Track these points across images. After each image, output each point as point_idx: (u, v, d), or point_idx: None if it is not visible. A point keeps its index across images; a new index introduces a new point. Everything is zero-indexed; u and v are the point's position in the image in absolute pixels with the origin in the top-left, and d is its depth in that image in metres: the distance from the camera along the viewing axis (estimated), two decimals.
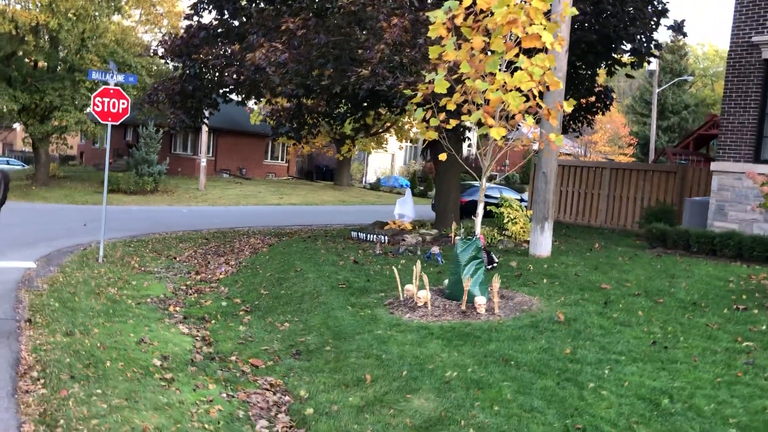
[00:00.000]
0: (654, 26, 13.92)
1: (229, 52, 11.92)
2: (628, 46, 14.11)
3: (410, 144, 44.68)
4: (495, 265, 9.75)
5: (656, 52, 14.77)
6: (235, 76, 11.47)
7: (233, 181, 35.92)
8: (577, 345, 6.19)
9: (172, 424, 4.96)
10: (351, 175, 38.42)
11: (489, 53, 7.30)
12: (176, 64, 17.08)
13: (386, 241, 13.18)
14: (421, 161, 45.74)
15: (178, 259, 13.62)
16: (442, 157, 7.79)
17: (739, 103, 13.75)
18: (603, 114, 18.11)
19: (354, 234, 14.48)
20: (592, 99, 17.60)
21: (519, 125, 7.61)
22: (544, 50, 7.35)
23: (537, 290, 8.42)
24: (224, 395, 5.82)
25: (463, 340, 6.38)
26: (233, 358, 6.92)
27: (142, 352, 6.77)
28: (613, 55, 14.74)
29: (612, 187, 19.75)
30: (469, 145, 49.17)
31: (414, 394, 5.31)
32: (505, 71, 7.18)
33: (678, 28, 14.40)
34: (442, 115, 7.35)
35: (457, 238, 9.41)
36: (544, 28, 6.90)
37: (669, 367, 5.55)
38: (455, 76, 7.34)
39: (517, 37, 7.01)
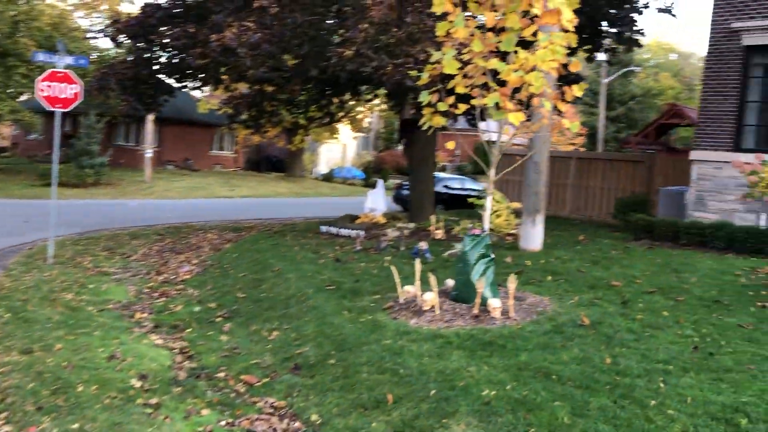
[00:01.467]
0: (641, 9, 13.49)
1: (192, 32, 10.91)
2: (613, 31, 13.64)
3: (363, 134, 43.90)
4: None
5: (640, 38, 14.35)
6: (199, 58, 10.47)
7: (179, 173, 34.43)
8: (614, 353, 5.57)
9: None
10: (303, 166, 37.39)
11: (502, 31, 6.61)
12: (122, 49, 15.93)
13: (362, 236, 12.41)
14: (374, 151, 45.02)
15: (133, 257, 12.55)
16: (451, 145, 7.05)
17: (719, 91, 13.48)
18: (574, 102, 17.69)
19: (324, 228, 13.65)
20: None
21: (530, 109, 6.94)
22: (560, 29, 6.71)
23: (545, 289, 7.81)
24: (223, 423, 4.99)
25: (488, 351, 5.69)
26: (221, 374, 6.07)
27: (116, 371, 5.87)
28: (596, 39, 14.26)
29: (579, 177, 19.46)
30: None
31: (451, 418, 4.59)
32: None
33: (668, 10, 14.04)
34: (451, 99, 6.62)
35: (472, 228, 8.73)
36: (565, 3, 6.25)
37: (726, 378, 4.98)
38: (464, 56, 6.62)
39: (533, 14, 6.34)
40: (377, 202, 14.08)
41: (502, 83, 6.69)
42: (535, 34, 6.17)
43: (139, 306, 8.67)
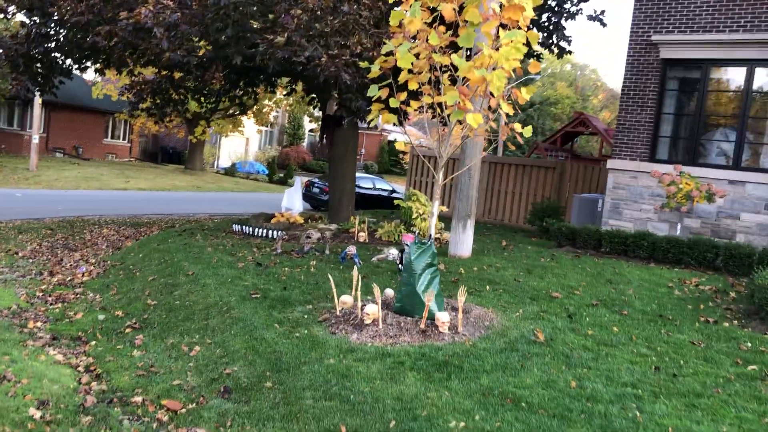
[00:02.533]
0: (573, 15, 13.43)
1: (98, 7, 9.81)
2: (541, 36, 13.52)
3: (268, 128, 42.69)
4: None
5: (567, 46, 14.34)
6: (106, 38, 9.39)
7: (69, 161, 32.14)
8: (577, 374, 5.22)
9: None
10: (203, 159, 35.83)
11: (454, 27, 6.14)
12: (12, 21, 14.40)
13: (284, 237, 11.68)
14: (278, 146, 43.92)
15: (21, 254, 11.28)
16: (400, 146, 6.48)
17: (636, 101, 13.67)
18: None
19: (236, 227, 12.80)
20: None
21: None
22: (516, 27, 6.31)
23: (486, 300, 7.42)
24: None
25: (445, 372, 5.19)
26: (138, 398, 5.26)
27: (10, 397, 4.96)
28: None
29: (490, 182, 19.46)
30: (311, 131, 47.83)
31: None
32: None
33: (599, 18, 14.07)
34: (403, 95, 6.08)
35: (405, 234, 8.24)
36: None
37: (700, 404, 4.72)
38: (417, 50, 6.10)
39: (493, 8, 5.91)
40: (294, 201, 13.36)
41: (454, 81, 6.24)
42: (499, 30, 5.73)
43: (31, 313, 7.62)
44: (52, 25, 10.81)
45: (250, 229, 12.40)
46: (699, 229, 12.44)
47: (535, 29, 13.42)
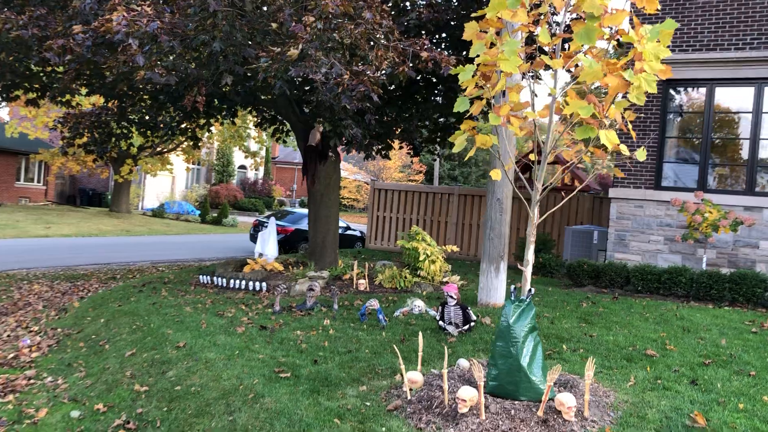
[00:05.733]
0: None
1: (45, 20, 7.96)
2: None
3: (196, 166, 40.33)
4: (472, 325, 7.15)
5: None
6: (59, 53, 7.52)
7: None
8: None
9: None
10: (129, 200, 33.18)
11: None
12: None
13: (264, 289, 9.93)
14: (206, 185, 41.58)
15: None
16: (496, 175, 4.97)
17: (637, 125, 12.77)
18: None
19: (204, 279, 10.94)
20: (452, 119, 15.74)
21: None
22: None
23: (573, 365, 5.99)
24: None
25: None
26: None
27: None
28: None
29: (461, 214, 18.26)
30: (241, 167, 45.66)
31: None
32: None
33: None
34: (506, 109, 4.62)
35: (448, 284, 6.75)
36: None
37: None
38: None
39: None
40: (269, 245, 11.62)
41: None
42: (634, 23, 4.39)
43: None
44: None
45: (223, 280, 10.58)
46: (715, 260, 11.50)
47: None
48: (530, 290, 5.15)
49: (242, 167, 45.00)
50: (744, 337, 7.09)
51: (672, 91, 12.58)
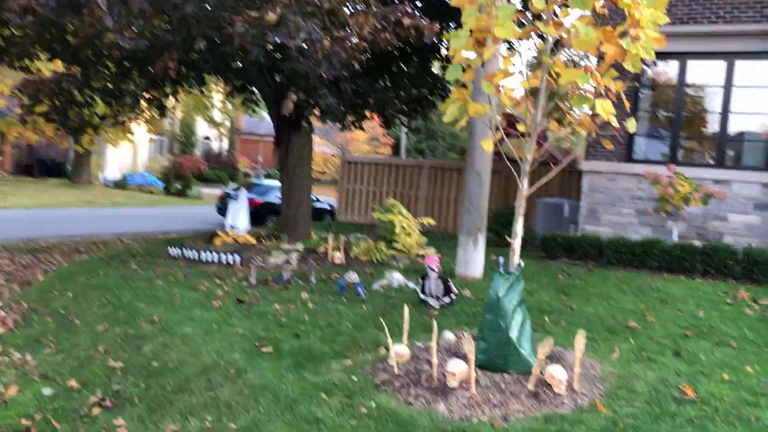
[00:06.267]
0: None
1: None
2: None
3: (159, 137, 39.47)
4: (453, 297, 7.10)
5: None
6: (21, 14, 7.11)
7: None
8: None
9: None
10: (90, 171, 32.34)
11: None
12: None
13: (238, 262, 9.74)
14: (169, 156, 40.77)
15: None
16: (488, 145, 4.82)
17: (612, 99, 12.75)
18: (435, 107, 16.08)
19: (174, 251, 10.68)
20: (424, 90, 15.50)
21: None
22: None
23: (557, 337, 5.97)
24: None
25: None
26: None
27: None
28: None
29: (432, 188, 18.19)
30: (205, 138, 44.79)
31: None
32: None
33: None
34: (500, 77, 4.48)
35: (428, 258, 6.68)
36: None
37: None
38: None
39: None
40: (239, 217, 11.40)
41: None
42: None
43: None
44: None
45: (194, 253, 10.34)
46: (685, 232, 11.64)
47: None
48: (519, 263, 5.09)
49: (206, 138, 44.22)
50: (720, 309, 7.18)
51: (644, 65, 12.58)
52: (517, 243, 5.10)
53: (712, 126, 12.07)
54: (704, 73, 12.15)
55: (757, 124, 11.84)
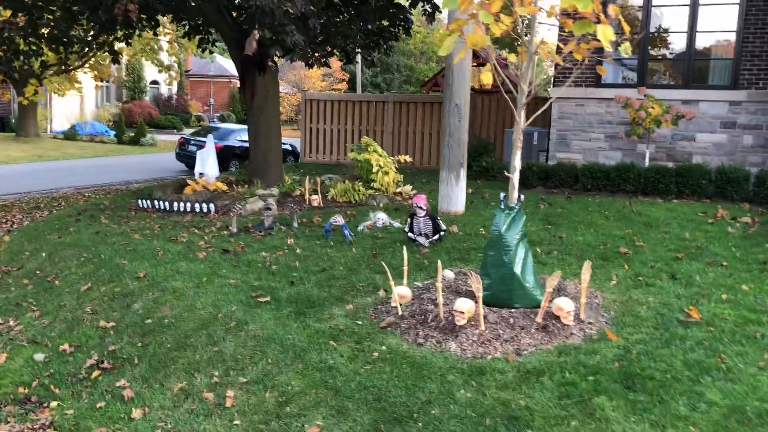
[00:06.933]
0: None
1: None
2: None
3: (105, 83, 37.99)
4: (442, 234, 7.04)
5: None
6: None
7: None
8: None
9: None
10: (37, 123, 31.07)
11: None
12: None
13: (213, 210, 9.50)
14: (117, 103, 39.40)
15: None
16: (486, 78, 4.65)
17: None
18: (397, 40, 15.65)
19: (143, 203, 10.36)
20: (386, 22, 15.03)
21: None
22: None
23: (551, 267, 5.99)
24: None
25: (642, 392, 3.70)
26: None
27: None
28: None
29: (397, 122, 17.95)
30: (153, 82, 43.18)
31: None
32: None
33: None
34: (498, 5, 4.30)
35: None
36: None
37: None
38: None
39: None
40: (208, 164, 11.08)
41: None
42: None
43: None
44: None
45: (165, 204, 10.05)
46: (655, 154, 11.76)
47: None
48: (519, 197, 5.02)
49: (154, 83, 42.73)
50: (704, 229, 7.29)
51: None
52: (515, 177, 5.01)
53: (679, 45, 12.05)
54: None
55: (723, 42, 11.87)
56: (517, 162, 5.03)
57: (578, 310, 4.71)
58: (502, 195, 5.01)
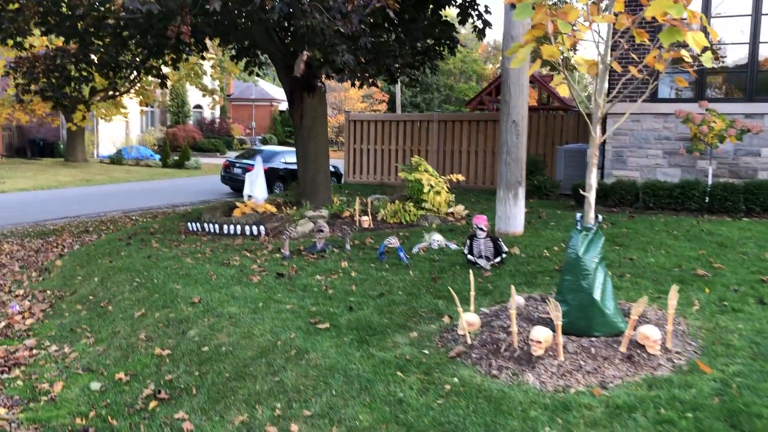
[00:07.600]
0: None
1: None
2: None
3: (150, 108, 38.66)
4: (504, 257, 6.75)
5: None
6: None
7: None
8: None
9: None
10: (84, 148, 31.69)
11: None
12: None
13: (263, 233, 9.36)
14: (162, 127, 40.04)
15: None
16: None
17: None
18: (442, 59, 15.42)
19: (193, 226, 10.28)
20: (431, 41, 14.82)
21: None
22: None
23: (633, 293, 5.64)
24: None
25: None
26: None
27: None
28: None
29: (442, 142, 17.71)
30: (196, 107, 43.72)
31: None
32: None
33: None
34: (575, 14, 4.04)
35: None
36: None
37: None
38: None
39: None
40: (257, 186, 10.98)
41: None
42: None
43: None
44: None
45: (215, 226, 9.95)
46: (716, 170, 11.28)
47: None
48: (597, 217, 4.71)
49: (198, 107, 43.38)
50: None
51: None
52: (591, 196, 4.71)
53: (740, 57, 11.60)
54: (732, 1, 11.62)
55: None
56: (593, 180, 4.73)
57: (664, 339, 4.37)
58: (578, 215, 4.71)
